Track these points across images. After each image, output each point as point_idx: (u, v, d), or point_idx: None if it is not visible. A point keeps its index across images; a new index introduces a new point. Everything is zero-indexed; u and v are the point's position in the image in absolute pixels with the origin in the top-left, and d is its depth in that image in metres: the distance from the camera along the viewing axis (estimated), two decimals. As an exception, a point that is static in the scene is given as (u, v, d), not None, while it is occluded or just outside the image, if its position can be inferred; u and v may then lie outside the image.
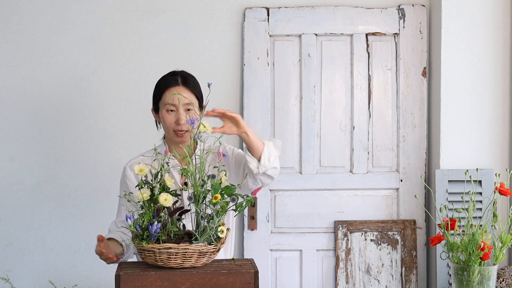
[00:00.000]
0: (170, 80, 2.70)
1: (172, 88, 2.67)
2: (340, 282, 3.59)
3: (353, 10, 3.61)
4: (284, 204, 3.62)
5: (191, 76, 2.74)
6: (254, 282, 2.32)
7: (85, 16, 3.57)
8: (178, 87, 2.67)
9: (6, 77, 3.56)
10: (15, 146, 3.57)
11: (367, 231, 3.61)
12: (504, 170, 3.50)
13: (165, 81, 2.71)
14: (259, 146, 2.63)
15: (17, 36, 3.55)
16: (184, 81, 2.69)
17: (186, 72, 2.76)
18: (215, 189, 2.33)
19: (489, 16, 3.50)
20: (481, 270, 2.52)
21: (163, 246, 2.28)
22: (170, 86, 2.68)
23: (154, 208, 2.33)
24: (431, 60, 3.62)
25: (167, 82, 2.70)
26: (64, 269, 3.59)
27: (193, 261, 2.32)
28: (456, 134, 3.51)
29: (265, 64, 3.59)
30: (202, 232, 2.33)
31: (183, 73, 2.74)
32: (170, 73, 2.75)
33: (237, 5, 3.60)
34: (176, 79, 2.70)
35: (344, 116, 3.63)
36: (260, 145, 2.64)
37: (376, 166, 3.64)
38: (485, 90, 3.52)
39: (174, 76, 2.72)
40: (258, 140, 2.64)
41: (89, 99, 3.58)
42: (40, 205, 3.58)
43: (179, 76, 2.71)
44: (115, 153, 3.58)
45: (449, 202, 3.44)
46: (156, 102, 2.73)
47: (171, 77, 2.72)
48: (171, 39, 3.59)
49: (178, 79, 2.70)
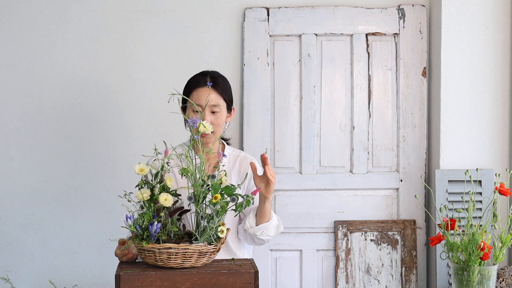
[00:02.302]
0: (199, 80, 2.67)
1: (199, 88, 2.64)
2: (340, 282, 3.59)
3: (353, 10, 3.61)
4: (284, 204, 3.62)
5: (221, 77, 2.71)
6: (254, 282, 2.32)
7: (85, 16, 3.57)
8: (206, 87, 2.63)
9: (6, 77, 3.56)
10: (15, 146, 3.57)
11: (367, 231, 3.61)
12: (504, 170, 3.50)
13: (195, 81, 2.69)
14: (266, 216, 2.66)
15: (17, 36, 3.55)
16: (214, 82, 2.66)
17: (217, 72, 2.73)
18: (215, 189, 2.33)
19: (489, 16, 3.50)
20: (481, 270, 2.52)
21: (163, 246, 2.28)
22: (198, 86, 2.65)
23: (154, 208, 2.33)
24: (431, 60, 3.62)
25: (196, 82, 2.67)
26: (64, 269, 3.59)
27: (193, 261, 2.32)
28: (456, 134, 3.51)
29: (265, 64, 3.59)
30: (202, 232, 2.33)
31: (214, 73, 2.71)
32: (201, 73, 2.72)
33: (237, 5, 3.60)
34: (205, 79, 2.67)
35: (344, 116, 3.63)
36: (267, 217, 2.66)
37: (376, 166, 3.64)
38: (485, 90, 3.52)
39: (203, 76, 2.69)
40: (270, 211, 2.66)
41: (89, 99, 3.58)
42: (40, 205, 3.58)
43: (208, 76, 2.68)
44: (115, 153, 3.58)
45: (449, 202, 3.44)
46: (184, 101, 2.70)
47: (201, 77, 2.69)
48: (171, 39, 3.59)
49: (207, 79, 2.66)
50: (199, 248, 2.30)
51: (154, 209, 2.34)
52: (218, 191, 2.33)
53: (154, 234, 2.29)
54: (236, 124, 3.62)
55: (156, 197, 2.33)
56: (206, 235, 2.32)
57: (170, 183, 2.37)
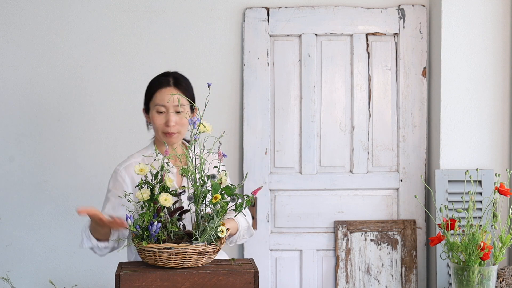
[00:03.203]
0: (162, 81, 2.66)
1: (163, 89, 2.64)
2: (340, 282, 3.59)
3: (353, 10, 3.61)
4: (284, 204, 3.62)
5: (183, 78, 2.71)
6: (254, 282, 2.32)
7: (85, 16, 3.57)
8: (170, 88, 2.63)
9: (6, 77, 3.56)
10: (15, 146, 3.57)
11: (367, 231, 3.61)
12: (504, 170, 3.50)
13: (157, 82, 2.68)
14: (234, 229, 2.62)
15: (17, 36, 3.56)
16: (176, 82, 2.66)
17: (178, 73, 2.73)
18: (215, 189, 2.33)
19: (489, 16, 3.50)
20: (481, 270, 2.52)
21: (163, 246, 2.28)
22: (161, 86, 2.65)
23: (154, 208, 2.33)
24: (431, 60, 3.62)
25: (159, 83, 2.66)
26: (64, 269, 3.59)
27: (193, 261, 2.32)
28: (456, 134, 3.51)
29: (265, 64, 3.59)
30: (202, 232, 2.33)
31: (175, 74, 2.71)
32: (163, 74, 2.72)
33: (237, 5, 3.60)
34: (168, 80, 2.66)
35: (344, 116, 3.64)
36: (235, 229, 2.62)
37: (376, 166, 3.64)
38: (485, 90, 3.52)
39: (166, 77, 2.68)
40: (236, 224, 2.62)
41: (89, 99, 3.59)
42: (40, 205, 3.58)
43: (171, 77, 2.68)
44: (115, 153, 3.58)
45: (449, 202, 3.44)
46: (147, 103, 2.70)
47: (163, 77, 2.68)
48: (171, 39, 3.59)
49: (170, 80, 2.66)
50: (199, 248, 2.30)
51: (154, 209, 2.34)
52: (218, 191, 2.33)
53: (154, 234, 2.30)
54: (236, 124, 3.62)
55: (156, 197, 2.33)
56: (206, 235, 2.32)
57: (170, 183, 2.37)
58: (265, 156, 3.59)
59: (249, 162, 3.58)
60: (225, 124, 3.58)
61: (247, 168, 3.57)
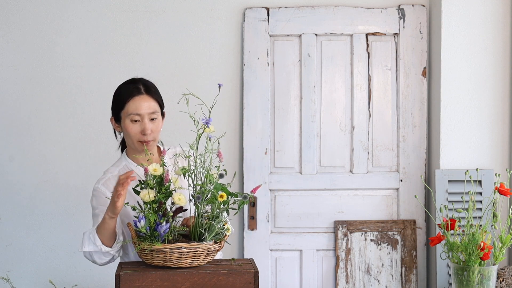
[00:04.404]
0: (132, 89, 2.59)
1: (136, 97, 2.57)
2: (340, 282, 3.59)
3: (353, 10, 3.61)
4: (284, 204, 3.62)
5: (151, 83, 2.65)
6: (254, 282, 2.32)
7: (85, 16, 3.57)
8: (142, 95, 2.57)
9: (6, 77, 3.56)
10: (15, 146, 3.57)
11: (367, 231, 3.61)
12: (504, 170, 3.50)
13: (127, 90, 2.60)
14: None
15: (17, 36, 3.56)
16: (147, 90, 2.60)
17: (145, 79, 2.66)
18: (217, 188, 2.34)
19: (489, 16, 3.50)
20: (481, 270, 2.52)
21: (174, 246, 2.28)
22: (133, 95, 2.58)
23: (163, 209, 2.34)
24: (431, 60, 3.62)
25: (130, 92, 2.59)
26: (64, 269, 3.59)
27: (200, 259, 2.32)
28: (456, 134, 3.51)
29: (265, 64, 3.59)
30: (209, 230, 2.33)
31: (144, 80, 2.65)
32: (130, 81, 2.65)
33: (237, 5, 3.60)
34: (139, 87, 2.60)
35: (344, 116, 3.64)
36: None
37: (376, 166, 3.64)
38: (485, 90, 3.52)
39: (135, 85, 2.61)
40: None
41: (89, 99, 3.58)
42: (40, 205, 3.58)
43: (140, 84, 2.62)
44: (115, 153, 3.57)
45: (449, 202, 3.44)
46: (117, 112, 2.63)
47: (133, 85, 2.61)
48: (171, 39, 3.59)
49: (141, 87, 2.60)
50: (209, 246, 2.31)
51: (163, 209, 2.34)
52: (219, 189, 2.34)
53: (163, 234, 2.30)
54: (236, 124, 3.62)
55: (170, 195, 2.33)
56: (214, 233, 2.33)
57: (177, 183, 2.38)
58: (265, 156, 3.59)
59: (249, 162, 3.58)
60: (225, 124, 3.58)
61: (247, 168, 3.57)
